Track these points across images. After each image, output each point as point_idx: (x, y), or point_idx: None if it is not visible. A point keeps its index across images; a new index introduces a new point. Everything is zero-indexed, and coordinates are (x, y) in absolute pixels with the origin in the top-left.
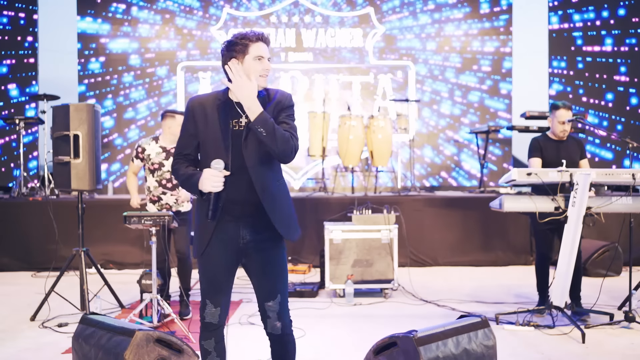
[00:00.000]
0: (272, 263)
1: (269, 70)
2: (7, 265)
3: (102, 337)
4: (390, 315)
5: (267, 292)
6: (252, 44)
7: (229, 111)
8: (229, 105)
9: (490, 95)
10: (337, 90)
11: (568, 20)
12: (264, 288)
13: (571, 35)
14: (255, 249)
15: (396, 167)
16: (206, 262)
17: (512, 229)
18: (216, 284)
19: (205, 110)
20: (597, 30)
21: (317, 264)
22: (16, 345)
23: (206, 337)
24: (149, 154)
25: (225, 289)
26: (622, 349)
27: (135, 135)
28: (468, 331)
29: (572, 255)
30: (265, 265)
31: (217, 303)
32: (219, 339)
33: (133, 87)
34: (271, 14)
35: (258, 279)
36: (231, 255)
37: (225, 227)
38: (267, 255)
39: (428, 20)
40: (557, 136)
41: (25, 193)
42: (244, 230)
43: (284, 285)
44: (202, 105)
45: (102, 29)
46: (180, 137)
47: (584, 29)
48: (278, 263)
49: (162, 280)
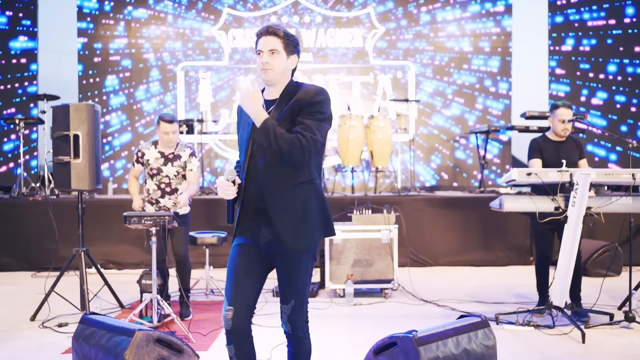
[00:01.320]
0: (289, 267)
1: (267, 64)
2: (7, 265)
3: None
4: (390, 315)
5: (282, 294)
6: (257, 41)
7: None
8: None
9: (490, 96)
10: (337, 90)
11: (568, 20)
12: (282, 291)
13: (571, 36)
14: (276, 250)
15: (396, 167)
16: (232, 254)
17: (512, 229)
18: (233, 278)
19: (243, 111)
20: (597, 30)
21: (317, 264)
22: (16, 345)
23: (227, 342)
24: (148, 158)
25: (242, 287)
26: (622, 349)
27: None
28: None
29: (572, 255)
30: (282, 269)
31: (231, 300)
32: (239, 345)
33: (133, 87)
34: (271, 14)
35: (279, 281)
36: (254, 252)
37: (249, 224)
38: (286, 258)
39: (428, 20)
40: (558, 135)
41: (25, 193)
42: (265, 229)
43: (299, 291)
44: (241, 107)
45: (102, 29)
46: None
47: (584, 29)
48: (296, 268)
49: (162, 280)
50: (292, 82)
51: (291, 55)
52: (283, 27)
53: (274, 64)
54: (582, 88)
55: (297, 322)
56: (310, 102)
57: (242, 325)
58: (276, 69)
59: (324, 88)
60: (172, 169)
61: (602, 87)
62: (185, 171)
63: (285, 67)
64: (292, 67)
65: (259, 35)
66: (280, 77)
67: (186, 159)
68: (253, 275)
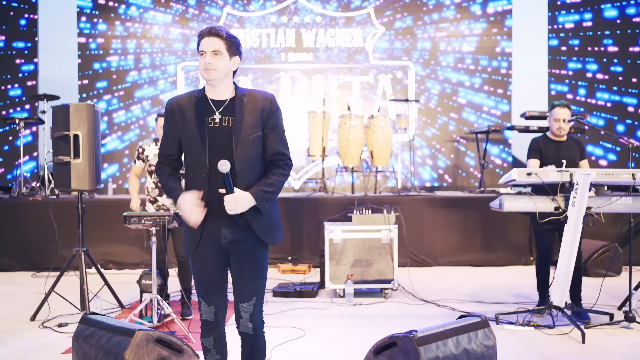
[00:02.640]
0: (251, 264)
1: (209, 64)
2: (7, 265)
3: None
4: (390, 315)
5: (243, 293)
6: (200, 41)
7: (205, 109)
8: (205, 102)
9: (490, 96)
10: (337, 90)
11: (568, 20)
12: (241, 289)
13: (571, 35)
14: (237, 249)
15: (396, 167)
16: (196, 262)
17: (512, 229)
18: (207, 283)
19: (182, 109)
20: (597, 30)
21: (317, 264)
22: (16, 345)
23: (205, 335)
24: (148, 155)
25: (217, 287)
26: (622, 349)
27: (134, 136)
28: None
29: (572, 255)
30: (245, 267)
31: (210, 301)
32: (218, 337)
33: (133, 88)
34: (271, 14)
35: (236, 279)
36: (218, 254)
37: (209, 227)
38: (248, 256)
39: (428, 20)
40: (555, 135)
41: (25, 193)
42: (225, 230)
43: (261, 288)
44: (179, 105)
45: (102, 29)
46: (162, 138)
47: (584, 29)
48: (258, 265)
49: (162, 281)
50: (237, 87)
51: (234, 57)
52: (226, 28)
53: (216, 64)
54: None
55: (257, 319)
56: (274, 110)
57: (222, 317)
58: (219, 69)
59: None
60: None
61: (602, 87)
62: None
63: (228, 68)
64: (234, 68)
65: (201, 35)
66: (223, 77)
67: None
68: (221, 275)
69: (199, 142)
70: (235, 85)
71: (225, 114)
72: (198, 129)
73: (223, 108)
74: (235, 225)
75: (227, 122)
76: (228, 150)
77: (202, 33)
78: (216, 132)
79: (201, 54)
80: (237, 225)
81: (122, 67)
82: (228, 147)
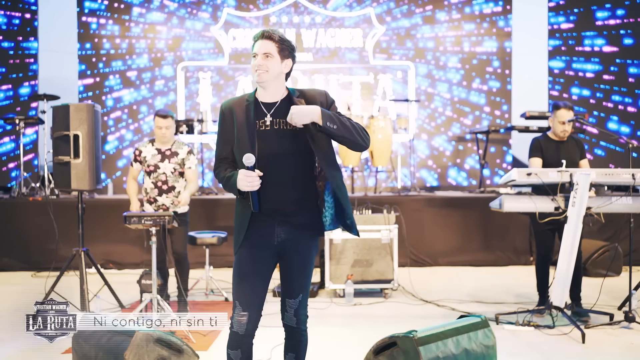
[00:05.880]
0: (302, 263)
1: (260, 66)
2: (7, 265)
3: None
4: (390, 315)
5: (291, 289)
6: (253, 44)
7: (256, 111)
8: (256, 105)
9: (490, 96)
10: (337, 90)
11: (568, 20)
12: (290, 285)
13: (571, 35)
14: (289, 248)
15: (396, 167)
16: (240, 260)
17: (512, 229)
18: (247, 284)
19: (233, 112)
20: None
21: (317, 264)
22: (16, 345)
23: (233, 347)
24: (145, 155)
25: (257, 290)
26: (622, 349)
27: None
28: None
29: (572, 255)
30: (296, 265)
31: (246, 305)
32: (246, 350)
33: (133, 87)
34: (271, 14)
35: (286, 276)
36: (265, 254)
37: (260, 225)
38: (300, 255)
39: (428, 21)
40: (558, 136)
41: (25, 193)
42: (279, 229)
43: (308, 285)
44: (230, 108)
45: (102, 29)
46: (217, 142)
47: (584, 29)
48: (308, 263)
49: (162, 281)
50: (289, 89)
51: (285, 60)
52: (279, 31)
53: (267, 66)
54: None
55: (302, 314)
56: (330, 104)
57: (253, 330)
58: (269, 72)
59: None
60: (169, 165)
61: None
62: (183, 168)
63: (279, 71)
64: (286, 71)
65: (255, 39)
66: (273, 79)
67: (184, 156)
68: (264, 278)
69: (248, 144)
70: (287, 88)
71: (276, 116)
72: (248, 131)
73: (274, 110)
74: (288, 224)
75: (278, 125)
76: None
77: (255, 36)
78: (266, 134)
79: (253, 56)
80: (290, 224)
81: (122, 67)
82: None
